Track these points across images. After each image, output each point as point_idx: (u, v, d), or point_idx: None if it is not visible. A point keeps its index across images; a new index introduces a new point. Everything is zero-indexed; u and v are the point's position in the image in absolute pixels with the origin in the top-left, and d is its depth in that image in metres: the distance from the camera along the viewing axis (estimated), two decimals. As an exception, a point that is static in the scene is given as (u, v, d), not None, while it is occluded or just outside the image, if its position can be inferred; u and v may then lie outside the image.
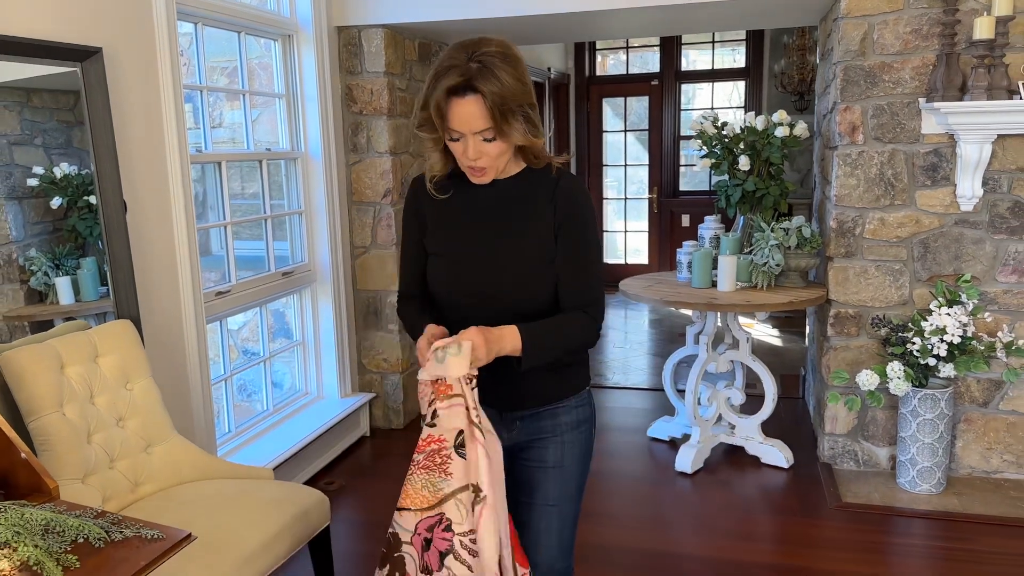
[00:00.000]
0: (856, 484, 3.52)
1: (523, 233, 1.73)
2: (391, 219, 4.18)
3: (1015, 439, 3.49)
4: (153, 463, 2.41)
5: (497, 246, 1.74)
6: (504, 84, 1.57)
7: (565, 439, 1.85)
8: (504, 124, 1.60)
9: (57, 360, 2.23)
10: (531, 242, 1.72)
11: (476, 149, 1.63)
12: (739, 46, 8.00)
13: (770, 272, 3.64)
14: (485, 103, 1.57)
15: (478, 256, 1.75)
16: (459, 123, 1.60)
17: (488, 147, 1.63)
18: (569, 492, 1.87)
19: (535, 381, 1.75)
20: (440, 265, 1.80)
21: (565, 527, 1.88)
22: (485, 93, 1.56)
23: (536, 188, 1.74)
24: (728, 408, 3.88)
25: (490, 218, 1.75)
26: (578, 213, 1.73)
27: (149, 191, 2.82)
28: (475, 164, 1.67)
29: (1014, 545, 3.02)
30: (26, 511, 1.65)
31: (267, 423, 3.71)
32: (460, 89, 1.57)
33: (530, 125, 1.65)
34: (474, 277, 1.75)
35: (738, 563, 2.96)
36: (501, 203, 1.75)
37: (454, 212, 1.79)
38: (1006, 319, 3.41)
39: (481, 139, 1.62)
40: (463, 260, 1.76)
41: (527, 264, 1.73)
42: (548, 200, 1.73)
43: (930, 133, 3.38)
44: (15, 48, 2.30)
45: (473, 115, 1.59)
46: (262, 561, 2.16)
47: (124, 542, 1.64)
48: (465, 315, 1.71)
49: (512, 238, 1.73)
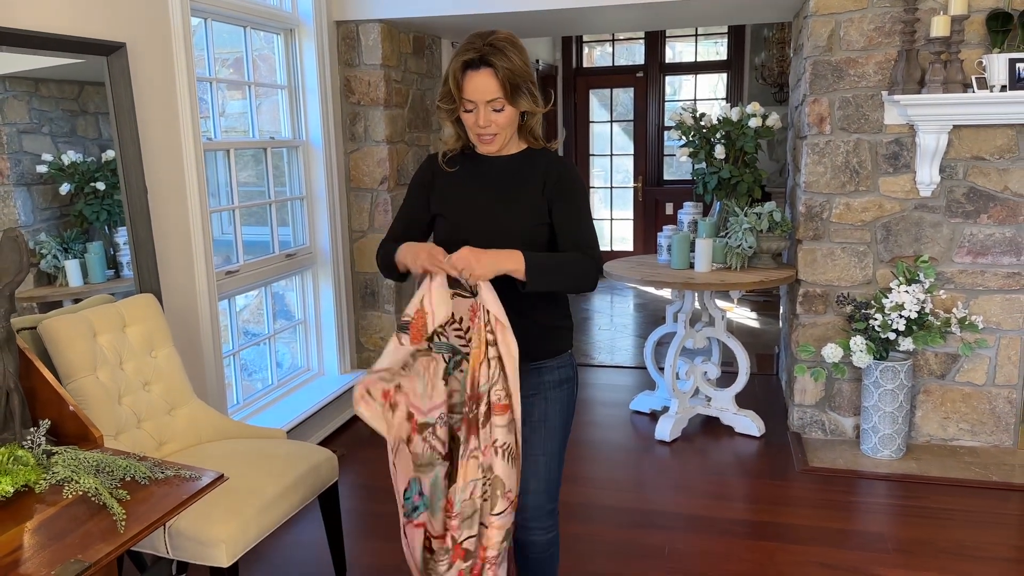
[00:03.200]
0: (823, 451, 3.79)
1: (518, 199, 2.01)
2: (388, 204, 4.40)
3: (970, 408, 3.76)
4: (176, 424, 2.63)
5: (495, 208, 2.01)
6: (512, 62, 1.87)
7: (548, 396, 2.10)
8: (513, 95, 1.89)
9: (90, 329, 2.45)
10: (524, 206, 2.00)
11: (487, 118, 1.91)
12: (721, 39, 8.24)
13: (743, 254, 3.89)
14: (496, 75, 1.86)
15: (479, 215, 2.02)
16: (473, 92, 1.88)
17: (497, 116, 1.92)
18: (553, 444, 2.11)
19: (523, 339, 1.98)
20: (446, 224, 2.07)
21: (551, 473, 2.13)
22: (496, 67, 1.86)
23: (532, 164, 2.03)
24: (705, 381, 4.14)
25: (491, 185, 2.03)
26: (569, 182, 2.02)
27: (166, 176, 3.03)
28: (485, 131, 1.94)
29: (967, 503, 3.29)
30: (80, 453, 1.88)
31: (272, 396, 3.94)
32: (475, 63, 1.87)
33: (533, 97, 1.94)
34: (474, 233, 1.98)
35: (712, 519, 3.22)
36: (502, 174, 2.03)
37: (461, 180, 2.06)
38: (961, 297, 3.67)
39: (491, 109, 1.90)
40: (466, 219, 2.03)
41: (519, 223, 2.00)
42: (542, 173, 2.01)
43: (892, 124, 3.63)
44: (49, 44, 2.50)
45: (486, 85, 1.87)
46: (278, 509, 2.39)
47: (166, 480, 1.87)
48: None
49: (508, 202, 2.01)
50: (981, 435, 3.76)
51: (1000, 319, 3.65)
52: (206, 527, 2.18)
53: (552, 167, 2.03)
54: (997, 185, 3.57)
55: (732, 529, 3.14)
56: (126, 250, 2.88)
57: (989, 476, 3.49)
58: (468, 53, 1.87)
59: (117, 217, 2.84)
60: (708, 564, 2.89)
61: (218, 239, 3.82)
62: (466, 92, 1.89)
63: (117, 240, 2.89)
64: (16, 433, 1.94)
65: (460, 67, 1.88)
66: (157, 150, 2.97)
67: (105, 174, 2.79)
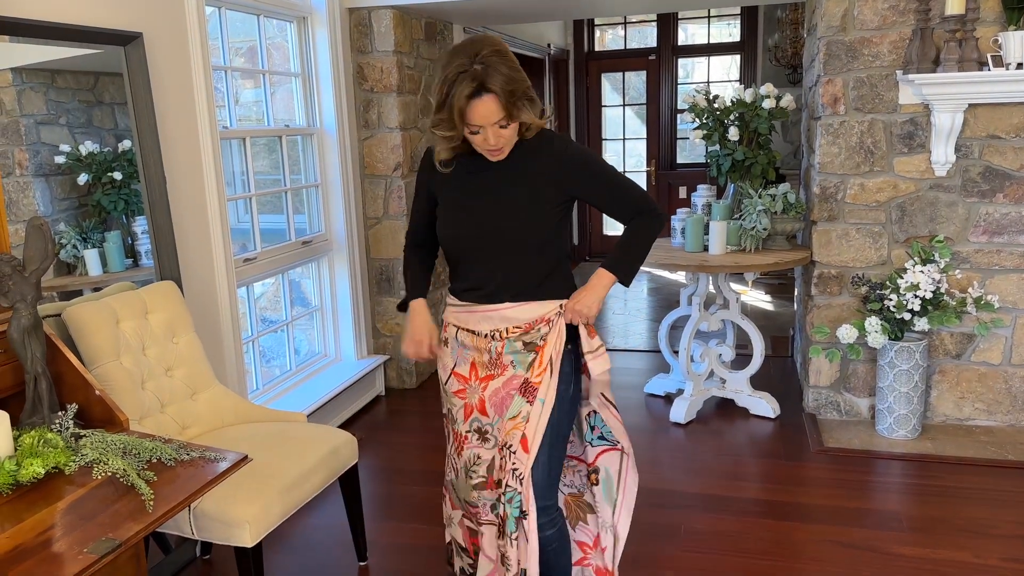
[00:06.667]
0: (838, 432, 3.80)
1: (521, 183, 2.02)
2: (402, 191, 4.43)
3: (986, 388, 3.76)
4: (198, 408, 2.68)
5: (499, 195, 2.03)
6: (507, 78, 1.85)
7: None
8: (515, 110, 1.89)
9: (113, 316, 2.50)
10: (527, 190, 2.02)
11: (495, 136, 1.92)
12: (734, 20, 8.19)
13: (757, 236, 3.89)
14: (499, 100, 1.85)
15: (482, 202, 2.04)
16: (479, 119, 1.88)
17: (503, 132, 1.92)
18: (547, 438, 2.06)
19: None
20: (448, 218, 2.10)
21: (552, 467, 2.11)
22: (498, 92, 1.84)
23: (535, 150, 2.02)
24: (719, 364, 4.15)
25: (493, 179, 2.03)
26: (581, 157, 2.06)
27: (184, 165, 3.07)
28: (496, 148, 1.95)
29: (982, 482, 3.30)
30: (107, 436, 1.93)
31: (290, 382, 3.99)
32: (476, 92, 1.85)
33: (533, 105, 1.94)
34: (480, 226, 2.04)
35: (728, 499, 3.24)
36: (501, 168, 2.03)
37: (461, 178, 2.07)
38: (977, 276, 3.66)
39: (497, 127, 1.90)
40: (468, 207, 2.06)
41: (524, 213, 2.02)
42: (545, 163, 2.02)
43: (906, 103, 3.61)
44: (69, 35, 2.54)
45: (490, 111, 1.87)
46: (300, 490, 2.43)
47: (191, 462, 1.91)
48: (469, 251, 2.06)
49: (511, 187, 2.02)
50: (997, 415, 3.76)
51: (1016, 298, 3.64)
52: (230, 508, 2.23)
53: (554, 155, 2.02)
54: (1013, 164, 3.55)
55: (748, 509, 3.17)
56: (143, 239, 2.92)
57: (1005, 455, 3.49)
58: (465, 83, 1.83)
59: (134, 206, 2.88)
60: (724, 543, 2.92)
61: (235, 227, 3.85)
62: (471, 120, 1.88)
63: (135, 229, 2.92)
64: (44, 417, 1.99)
65: (464, 101, 1.85)
66: (174, 139, 3.01)
67: (122, 164, 2.83)
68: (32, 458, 1.76)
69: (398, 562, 2.88)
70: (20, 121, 2.54)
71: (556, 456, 2.13)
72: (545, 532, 2.11)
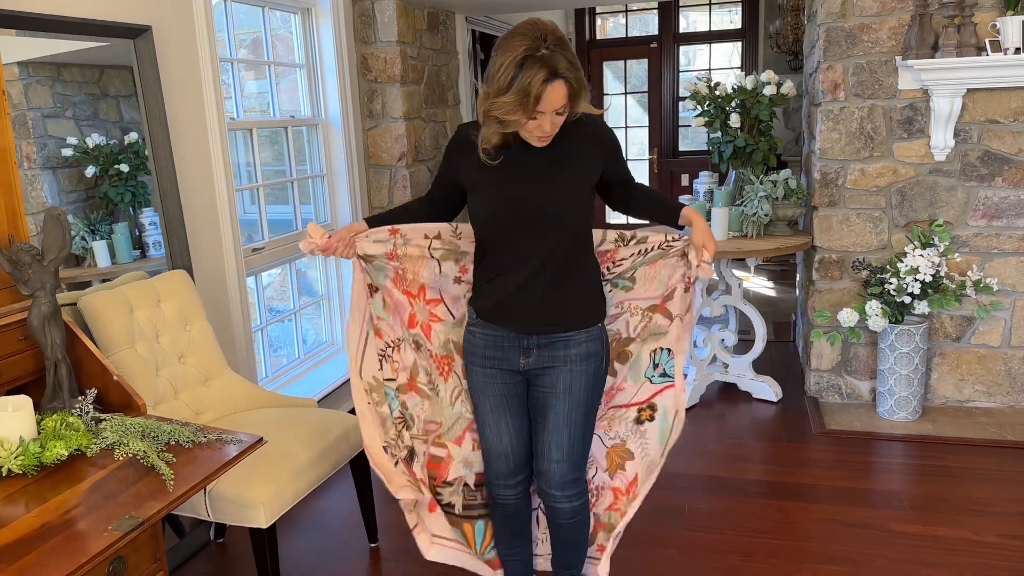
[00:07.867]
0: (839, 414, 3.85)
1: (567, 164, 2.03)
2: (406, 181, 4.47)
3: (985, 370, 3.80)
4: (211, 395, 2.73)
5: (548, 176, 2.02)
6: (572, 64, 1.85)
7: (574, 369, 2.13)
8: (577, 98, 1.90)
9: (127, 304, 2.55)
10: (572, 172, 2.03)
11: (552, 124, 1.92)
12: (735, 7, 8.19)
13: (759, 222, 3.93)
14: (568, 86, 1.85)
15: (530, 185, 2.02)
16: (548, 105, 1.86)
17: (559, 118, 1.92)
18: (578, 414, 2.15)
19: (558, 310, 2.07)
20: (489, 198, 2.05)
21: (575, 443, 2.17)
22: (568, 78, 1.84)
23: (575, 133, 2.03)
24: (722, 348, 4.20)
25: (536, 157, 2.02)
26: (612, 135, 2.16)
27: (192, 157, 3.11)
28: (548, 134, 1.95)
29: (982, 462, 3.35)
30: (126, 420, 1.98)
31: (298, 370, 4.05)
32: (550, 77, 1.82)
33: (587, 93, 1.94)
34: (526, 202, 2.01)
35: (731, 480, 3.30)
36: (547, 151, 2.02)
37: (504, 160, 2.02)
38: (976, 259, 3.70)
39: (555, 114, 1.89)
40: (516, 190, 2.02)
41: (574, 188, 2.04)
42: (593, 141, 2.07)
43: (906, 89, 3.65)
44: (79, 28, 2.58)
45: (559, 97, 1.85)
46: (312, 473, 2.49)
47: (208, 444, 1.97)
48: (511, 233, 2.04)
49: (560, 169, 2.02)
50: (996, 396, 3.81)
51: (1015, 281, 3.68)
52: (245, 490, 2.28)
53: (595, 136, 2.08)
54: (1012, 148, 3.59)
55: (750, 489, 3.22)
56: (151, 230, 2.95)
57: (1004, 436, 3.54)
58: (536, 67, 1.80)
59: (141, 198, 2.91)
60: (727, 522, 2.98)
61: (242, 218, 3.89)
62: (543, 106, 1.84)
63: (142, 221, 2.95)
64: (65, 402, 2.04)
65: (540, 84, 1.80)
66: (183, 131, 3.05)
67: (128, 156, 2.86)
68: (55, 440, 1.81)
69: (408, 544, 2.92)
70: (27, 114, 2.57)
71: (590, 434, 2.23)
72: (573, 503, 2.20)
